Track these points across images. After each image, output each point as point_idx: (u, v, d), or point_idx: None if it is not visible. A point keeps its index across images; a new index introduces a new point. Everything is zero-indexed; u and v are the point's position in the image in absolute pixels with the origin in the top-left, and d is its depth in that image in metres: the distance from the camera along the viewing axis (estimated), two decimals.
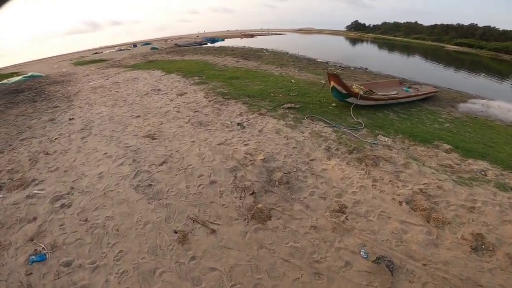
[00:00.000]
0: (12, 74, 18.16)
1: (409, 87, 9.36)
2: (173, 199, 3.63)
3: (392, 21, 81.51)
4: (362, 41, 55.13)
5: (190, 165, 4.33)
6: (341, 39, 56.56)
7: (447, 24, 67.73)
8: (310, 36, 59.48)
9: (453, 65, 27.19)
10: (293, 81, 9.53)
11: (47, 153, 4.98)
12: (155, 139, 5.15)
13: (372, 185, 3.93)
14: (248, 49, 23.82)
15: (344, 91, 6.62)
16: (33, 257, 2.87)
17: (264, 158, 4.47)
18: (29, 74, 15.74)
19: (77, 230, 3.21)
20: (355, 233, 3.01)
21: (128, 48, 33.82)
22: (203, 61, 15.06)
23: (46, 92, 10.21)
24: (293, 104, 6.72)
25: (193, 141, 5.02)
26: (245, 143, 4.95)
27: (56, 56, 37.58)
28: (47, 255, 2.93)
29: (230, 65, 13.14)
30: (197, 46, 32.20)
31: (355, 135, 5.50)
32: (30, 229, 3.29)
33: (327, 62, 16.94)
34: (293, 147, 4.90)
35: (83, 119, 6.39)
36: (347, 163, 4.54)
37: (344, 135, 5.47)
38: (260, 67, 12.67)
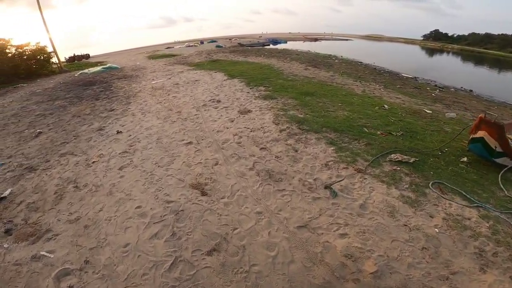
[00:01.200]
0: (97, 64, 19.38)
1: None
2: None
3: (483, 32, 67.52)
4: (443, 52, 46.59)
5: (254, 265, 2.56)
6: (417, 49, 48.80)
7: None
8: (380, 44, 52.85)
9: None
10: (386, 106, 7.03)
11: (77, 186, 3.79)
12: (206, 194, 3.50)
13: None
14: (315, 54, 21.34)
15: (499, 149, 4.01)
16: None
17: (377, 271, 2.45)
18: (108, 65, 16.30)
19: None
20: None
21: (196, 44, 34.55)
22: (268, 66, 13.34)
23: (111, 88, 9.78)
24: (405, 157, 4.36)
25: (260, 213, 3.20)
26: (340, 230, 2.92)
27: (137, 48, 40.88)
28: None
29: (299, 74, 11.10)
30: (260, 47, 30.95)
31: None
32: None
33: (416, 78, 13.52)
34: (422, 248, 2.72)
35: (130, 135, 5.21)
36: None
37: (499, 224, 3.03)
38: (335, 80, 10.32)
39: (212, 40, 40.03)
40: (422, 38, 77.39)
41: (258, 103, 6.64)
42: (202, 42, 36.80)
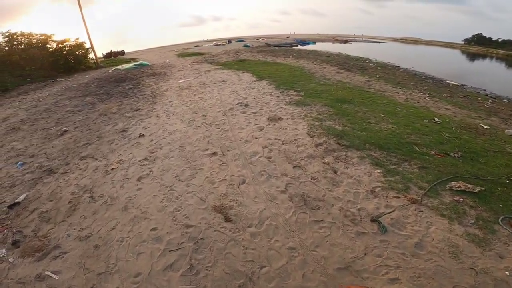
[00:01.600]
0: (130, 60, 19.87)
1: None
2: None
3: None
4: (486, 57, 42.08)
5: None
6: (458, 54, 44.57)
7: None
8: (417, 47, 48.92)
9: None
10: (436, 119, 6.04)
11: (92, 197, 3.44)
12: (230, 220, 2.96)
13: None
14: (346, 56, 20.09)
15: None
16: None
17: None
18: (139, 62, 16.54)
19: None
20: None
21: (224, 43, 34.48)
22: (297, 67, 12.60)
23: (140, 86, 9.68)
24: (469, 186, 3.50)
25: (293, 249, 2.61)
26: (390, 274, 2.32)
27: (168, 45, 41.88)
28: None
29: (332, 77, 10.23)
30: (288, 47, 30.07)
31: None
32: None
33: (463, 85, 11.98)
34: None
35: (152, 140, 4.84)
36: None
37: None
38: (372, 86, 9.33)
39: (240, 40, 39.76)
40: (463, 42, 70.69)
41: (289, 110, 5.99)
42: (230, 41, 36.66)
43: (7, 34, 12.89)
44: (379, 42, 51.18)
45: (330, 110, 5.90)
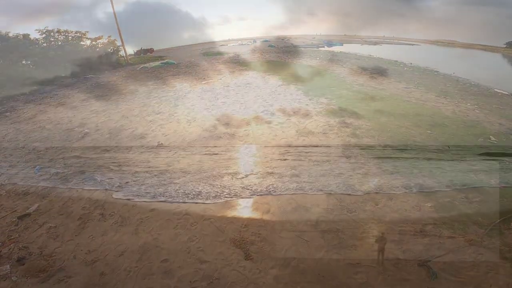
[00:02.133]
0: (157, 58, 20.13)
1: None
2: None
3: None
4: None
5: None
6: (500, 58, 40.43)
7: None
8: (453, 50, 45.04)
9: None
10: (492, 138, 5.16)
11: (102, 214, 3.15)
12: (250, 258, 2.53)
13: None
14: (377, 59, 18.70)
15: None
16: None
17: None
18: (166, 61, 16.65)
19: None
20: None
21: (249, 43, 34.06)
22: (326, 70, 11.84)
23: (164, 86, 9.53)
24: None
25: None
26: None
27: (194, 44, 42.33)
28: None
29: (365, 83, 9.37)
30: (315, 48, 28.96)
31: None
32: None
33: None
34: None
35: (170, 150, 4.48)
36: None
37: None
38: (412, 94, 8.35)
39: (265, 40, 39.13)
40: (505, 46, 64.22)
41: (320, 122, 5.36)
42: (255, 41, 36.14)
43: (44, 31, 13.43)
44: (412, 44, 47.82)
45: (367, 124, 5.18)
